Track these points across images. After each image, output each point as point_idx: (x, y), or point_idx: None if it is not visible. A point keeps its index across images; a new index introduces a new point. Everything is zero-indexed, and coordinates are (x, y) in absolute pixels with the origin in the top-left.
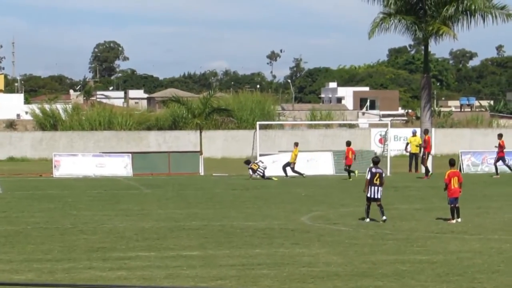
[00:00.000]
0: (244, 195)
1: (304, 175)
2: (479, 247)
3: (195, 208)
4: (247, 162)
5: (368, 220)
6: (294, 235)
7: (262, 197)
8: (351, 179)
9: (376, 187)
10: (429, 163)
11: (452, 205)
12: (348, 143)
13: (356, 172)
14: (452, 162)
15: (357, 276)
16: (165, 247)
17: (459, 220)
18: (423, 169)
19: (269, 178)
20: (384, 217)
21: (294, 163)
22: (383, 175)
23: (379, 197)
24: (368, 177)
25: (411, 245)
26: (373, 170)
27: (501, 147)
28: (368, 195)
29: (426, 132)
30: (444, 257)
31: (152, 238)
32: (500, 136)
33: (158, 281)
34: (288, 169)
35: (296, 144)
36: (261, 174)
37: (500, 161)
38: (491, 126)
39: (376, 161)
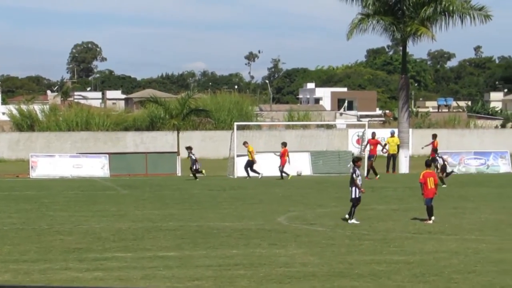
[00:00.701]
0: (221, 196)
1: (260, 177)
2: (456, 247)
3: (172, 209)
4: (189, 147)
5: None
6: (271, 236)
7: (239, 198)
8: (289, 178)
9: (351, 188)
10: (403, 164)
11: (428, 206)
12: (284, 144)
13: (290, 176)
14: (428, 163)
15: (333, 276)
16: (142, 247)
17: (433, 217)
18: (402, 169)
19: (198, 170)
20: (351, 219)
21: (254, 160)
22: (354, 175)
23: (352, 197)
24: None
25: (387, 245)
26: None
27: (433, 147)
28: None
29: (373, 135)
30: (421, 258)
31: (128, 239)
32: (434, 136)
33: (134, 282)
34: (254, 167)
35: (245, 143)
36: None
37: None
38: (468, 126)
39: (353, 160)
